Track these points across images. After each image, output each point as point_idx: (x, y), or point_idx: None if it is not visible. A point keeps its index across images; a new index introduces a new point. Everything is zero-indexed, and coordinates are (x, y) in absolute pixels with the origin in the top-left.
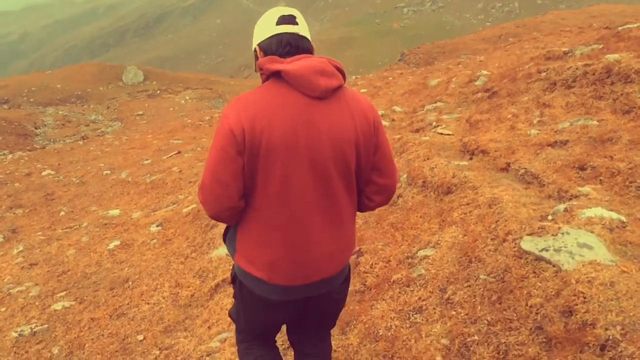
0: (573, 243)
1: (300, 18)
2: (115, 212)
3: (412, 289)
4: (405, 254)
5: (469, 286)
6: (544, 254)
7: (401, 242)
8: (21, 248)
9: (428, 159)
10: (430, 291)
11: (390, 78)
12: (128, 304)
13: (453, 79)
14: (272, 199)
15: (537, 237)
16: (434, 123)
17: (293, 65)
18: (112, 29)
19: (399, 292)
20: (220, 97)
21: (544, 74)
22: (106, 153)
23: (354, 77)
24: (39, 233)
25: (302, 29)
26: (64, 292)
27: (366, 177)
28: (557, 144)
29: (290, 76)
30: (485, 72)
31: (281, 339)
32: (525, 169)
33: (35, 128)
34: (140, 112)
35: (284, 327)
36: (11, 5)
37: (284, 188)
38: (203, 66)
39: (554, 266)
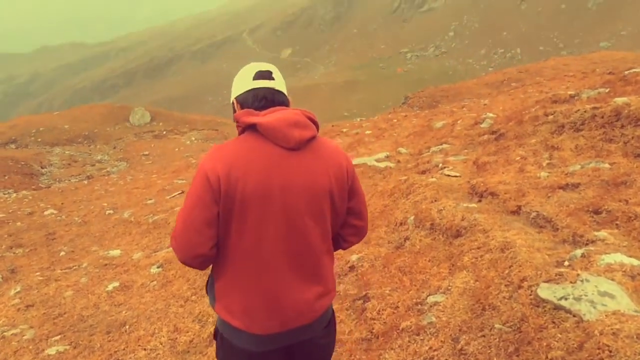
0: (594, 291)
1: (276, 73)
2: (116, 252)
3: (422, 337)
4: (414, 300)
5: (484, 336)
6: (563, 303)
7: (409, 287)
8: (19, 289)
9: (436, 200)
10: (441, 341)
11: (395, 120)
12: (124, 349)
13: (458, 122)
14: (246, 247)
15: (555, 284)
16: (441, 165)
17: (267, 118)
18: (122, 71)
19: (409, 341)
20: (226, 138)
21: (551, 116)
22: (110, 192)
23: (358, 119)
24: (38, 273)
25: (278, 83)
26: (59, 336)
27: (342, 221)
28: (568, 187)
29: (265, 129)
30: (490, 114)
31: None
32: (537, 212)
33: (42, 167)
34: (146, 152)
35: None
36: (23, 48)
37: (258, 237)
38: (210, 107)
39: (574, 316)
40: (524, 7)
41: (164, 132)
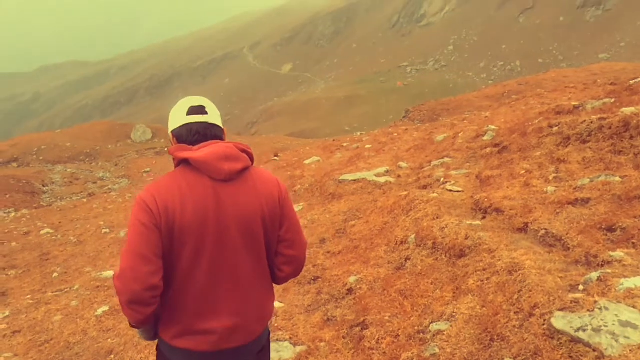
0: (614, 321)
1: (210, 107)
2: (109, 273)
3: None
4: (416, 328)
5: None
6: (581, 335)
7: (411, 312)
8: (7, 313)
9: (438, 217)
10: None
11: (395, 134)
12: None
13: (460, 134)
14: (183, 274)
15: (570, 312)
16: (442, 179)
17: (199, 152)
18: (124, 89)
19: None
20: None
21: (556, 128)
22: (108, 211)
23: (359, 134)
24: (29, 296)
25: (211, 117)
26: None
27: (275, 249)
28: (578, 202)
29: (197, 163)
30: (493, 127)
31: None
32: (546, 229)
33: (43, 186)
34: (148, 169)
35: None
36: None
37: (194, 265)
38: None
39: (594, 350)
40: (523, 20)
41: (166, 149)
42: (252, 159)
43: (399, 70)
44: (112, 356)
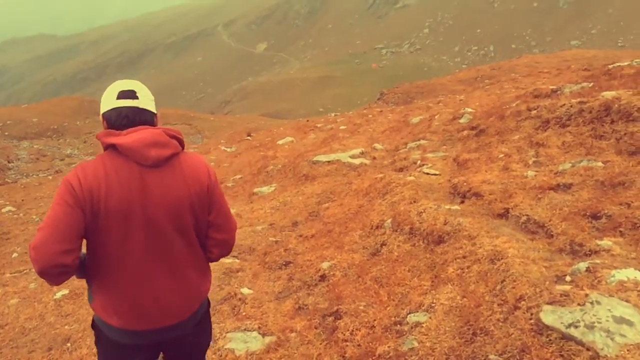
0: (608, 317)
1: (141, 91)
2: None
3: None
4: (393, 318)
5: None
6: (573, 332)
7: (387, 302)
8: None
9: (415, 201)
10: None
11: (370, 116)
12: None
13: (436, 117)
14: (113, 257)
15: (560, 306)
16: (419, 162)
17: (127, 138)
18: (94, 64)
19: None
20: (199, 133)
21: (535, 111)
22: None
23: (333, 114)
24: None
25: (142, 102)
26: None
27: (205, 233)
28: (560, 188)
29: (124, 149)
30: (469, 109)
31: None
32: (528, 215)
33: (9, 162)
34: None
35: None
36: None
37: (123, 248)
38: (183, 102)
39: (588, 349)
40: (497, 5)
41: None
42: (182, 145)
43: (374, 52)
44: (69, 344)
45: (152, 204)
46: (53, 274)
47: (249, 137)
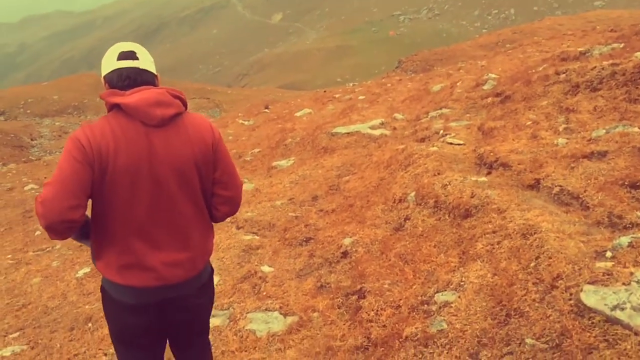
0: None
1: (141, 53)
2: None
3: (431, 350)
4: (419, 298)
5: (511, 353)
6: (619, 315)
7: (412, 280)
8: None
9: (439, 173)
10: (456, 356)
11: (389, 85)
12: (85, 352)
13: (457, 84)
14: (118, 215)
15: (603, 286)
16: (442, 131)
17: (131, 98)
18: (110, 40)
19: (414, 355)
20: (217, 107)
21: (563, 75)
22: None
23: (351, 85)
24: (9, 256)
25: (142, 62)
26: (18, 333)
27: (211, 191)
28: (594, 156)
29: (129, 108)
30: (493, 75)
31: None
32: (561, 186)
33: (32, 140)
34: None
35: None
36: (9, 17)
37: (129, 206)
38: (200, 76)
39: (636, 334)
40: None
41: None
42: (185, 105)
43: (391, 20)
44: (90, 324)
45: (158, 163)
46: (60, 230)
47: (266, 110)
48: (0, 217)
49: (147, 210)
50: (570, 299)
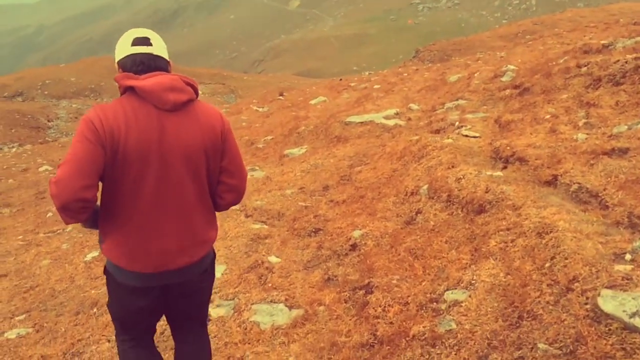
0: None
1: (155, 39)
2: None
3: (439, 351)
4: (428, 295)
5: (522, 357)
6: (638, 323)
7: (422, 276)
8: None
9: (453, 166)
10: (465, 359)
11: (405, 74)
12: (88, 337)
13: (475, 75)
14: (125, 198)
15: (621, 291)
16: (457, 123)
17: (145, 82)
18: (128, 23)
19: (421, 355)
20: (233, 92)
21: (585, 68)
22: None
23: (367, 73)
24: (20, 237)
25: (156, 49)
26: (24, 315)
27: (217, 179)
28: (615, 152)
29: (143, 91)
30: (511, 66)
31: None
32: (579, 183)
33: (48, 121)
34: None
35: None
36: None
37: (137, 189)
38: (217, 61)
39: None
40: None
41: None
42: (196, 92)
43: (410, 8)
44: (96, 309)
45: (168, 147)
46: (74, 209)
47: (281, 97)
48: (14, 197)
49: (152, 194)
50: (586, 304)
